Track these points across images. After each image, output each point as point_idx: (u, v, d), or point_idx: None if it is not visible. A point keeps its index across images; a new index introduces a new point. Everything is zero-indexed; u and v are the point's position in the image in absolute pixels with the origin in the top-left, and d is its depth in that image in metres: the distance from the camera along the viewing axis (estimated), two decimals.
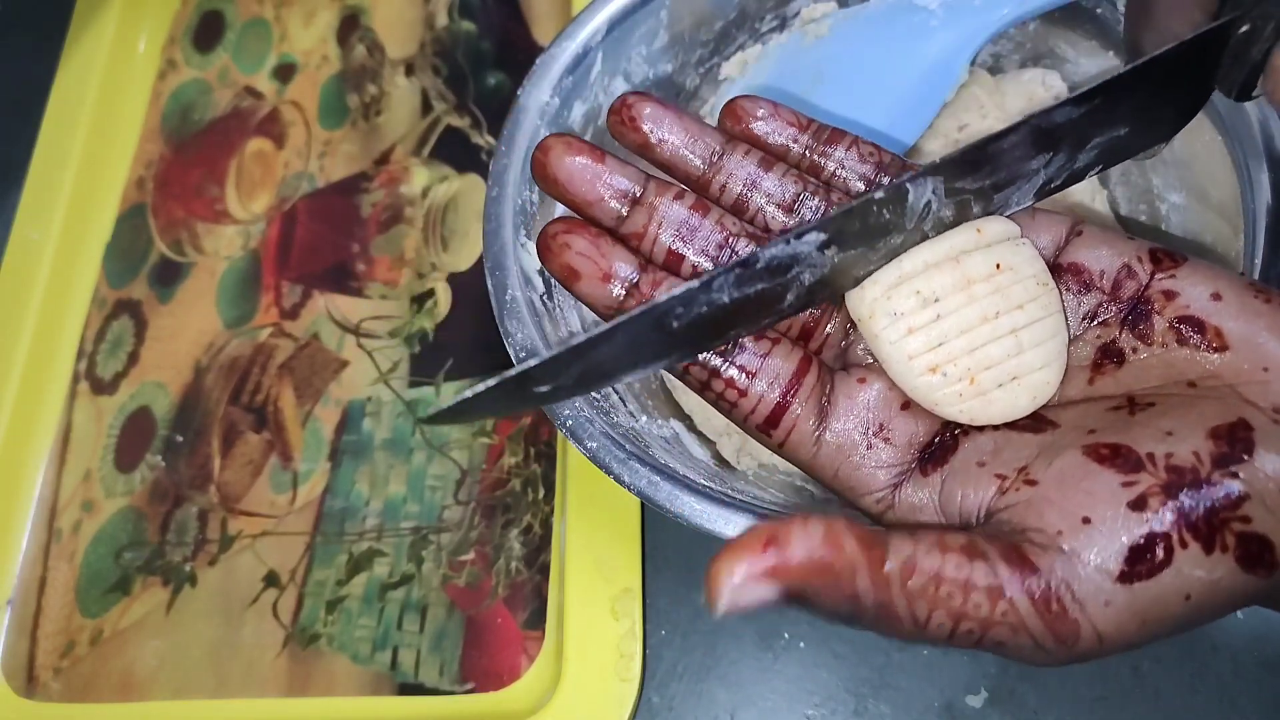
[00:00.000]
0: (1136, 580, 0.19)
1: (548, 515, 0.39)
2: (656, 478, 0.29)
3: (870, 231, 0.23)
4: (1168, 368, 0.22)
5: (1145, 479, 0.20)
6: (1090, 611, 0.19)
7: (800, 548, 0.18)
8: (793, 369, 0.24)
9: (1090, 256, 0.23)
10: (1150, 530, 0.19)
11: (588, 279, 0.24)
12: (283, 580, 0.39)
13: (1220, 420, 0.20)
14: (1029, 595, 0.19)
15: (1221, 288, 0.22)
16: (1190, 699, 0.34)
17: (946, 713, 0.34)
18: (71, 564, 0.41)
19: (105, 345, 0.45)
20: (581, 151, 0.25)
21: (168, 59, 0.52)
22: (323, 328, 0.44)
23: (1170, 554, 0.19)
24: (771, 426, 0.24)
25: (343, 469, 0.41)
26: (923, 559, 0.19)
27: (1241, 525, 0.19)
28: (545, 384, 0.21)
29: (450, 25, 0.50)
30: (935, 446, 0.23)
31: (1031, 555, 0.19)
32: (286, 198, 0.47)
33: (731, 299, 0.22)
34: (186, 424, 0.43)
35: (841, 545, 0.18)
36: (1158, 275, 0.23)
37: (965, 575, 0.19)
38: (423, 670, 0.37)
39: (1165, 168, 0.36)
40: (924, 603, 0.19)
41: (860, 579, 0.18)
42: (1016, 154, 0.23)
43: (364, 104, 0.49)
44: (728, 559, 0.18)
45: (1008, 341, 0.23)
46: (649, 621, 0.36)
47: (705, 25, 0.39)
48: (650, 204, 0.25)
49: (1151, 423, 0.21)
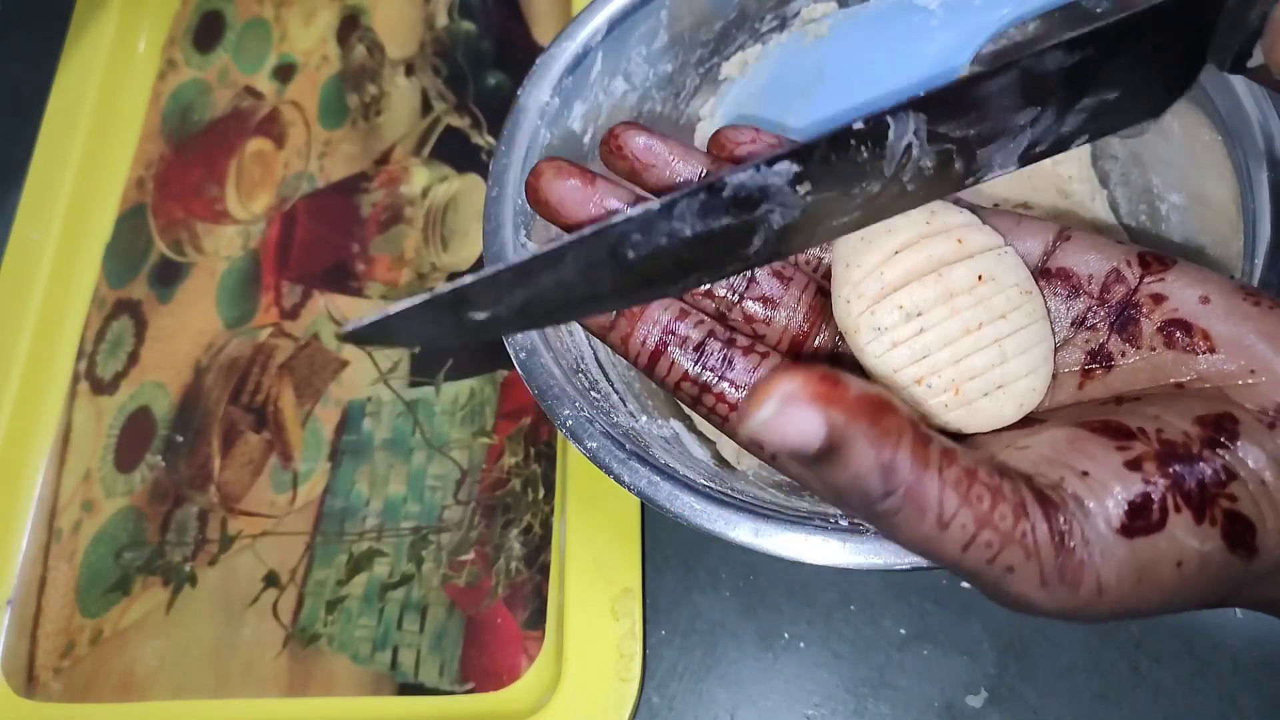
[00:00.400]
0: (1136, 535, 0.19)
1: (548, 515, 0.39)
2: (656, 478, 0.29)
3: (847, 170, 0.22)
4: (1156, 370, 0.22)
5: (1139, 446, 0.20)
6: (1096, 558, 0.19)
7: (857, 388, 0.17)
8: None
9: (1079, 261, 0.24)
10: (1146, 490, 0.19)
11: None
12: (283, 580, 0.39)
13: (1207, 411, 0.21)
14: (1048, 523, 0.19)
15: (1210, 291, 0.22)
16: (1190, 698, 0.34)
17: (946, 713, 0.34)
18: (71, 564, 0.41)
19: (105, 345, 0.45)
20: (572, 175, 0.25)
21: (168, 59, 0.52)
22: (323, 327, 0.44)
23: (1165, 516, 0.19)
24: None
25: (343, 469, 0.41)
26: (962, 456, 0.19)
27: (1229, 503, 0.19)
28: (484, 309, 0.20)
29: (450, 25, 0.50)
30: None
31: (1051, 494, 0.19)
32: (286, 198, 0.47)
33: (694, 231, 0.21)
34: (186, 424, 0.43)
35: (895, 409, 0.18)
36: (1146, 279, 0.23)
37: (997, 483, 0.19)
38: (423, 670, 0.37)
39: (1165, 168, 0.36)
40: (955, 496, 0.18)
41: (902, 449, 0.18)
42: (1004, 102, 0.22)
43: (364, 104, 0.49)
44: (779, 376, 0.17)
45: (991, 351, 0.23)
46: (649, 621, 0.36)
47: (705, 25, 0.39)
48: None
49: (1139, 409, 0.21)
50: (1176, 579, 0.19)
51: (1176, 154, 0.36)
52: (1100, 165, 0.39)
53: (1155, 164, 0.37)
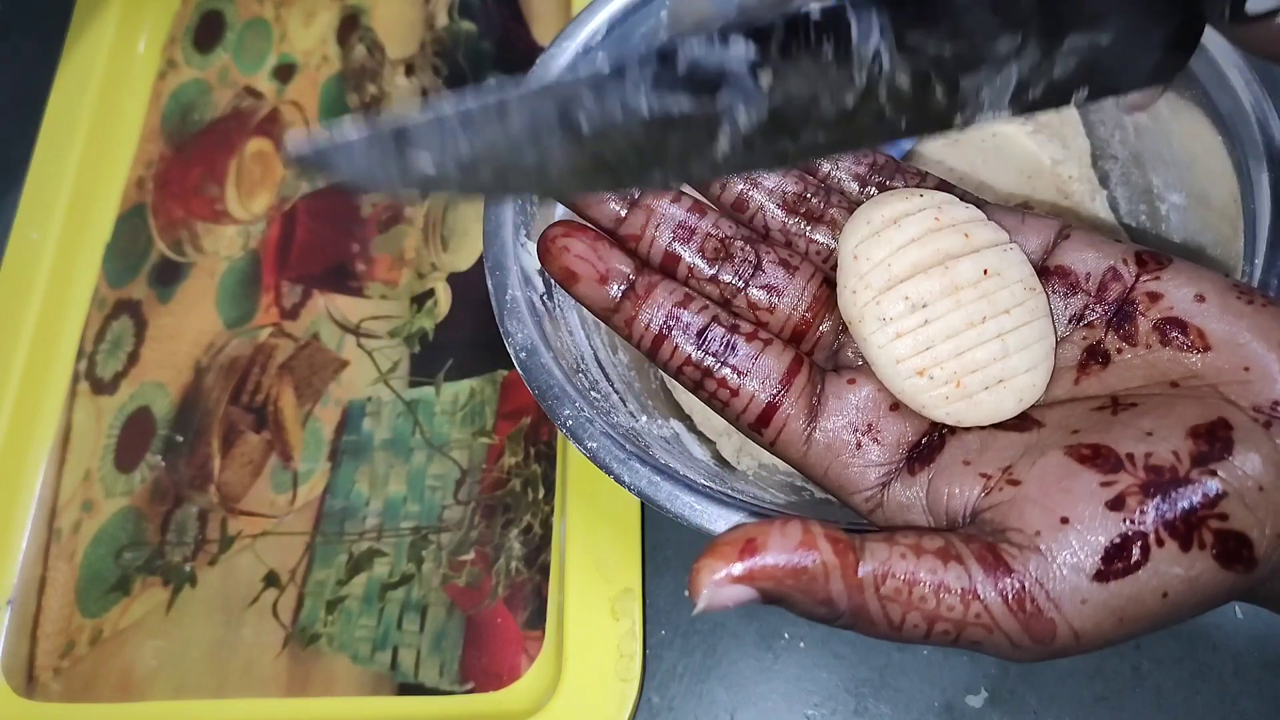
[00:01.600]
0: (1113, 579, 0.19)
1: (548, 515, 0.39)
2: (656, 478, 0.29)
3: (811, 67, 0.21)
4: (1151, 368, 0.22)
5: (1124, 479, 0.20)
6: (1066, 610, 0.19)
7: (776, 552, 0.19)
8: (784, 369, 0.24)
9: (1077, 259, 0.24)
10: (1127, 529, 0.19)
11: (585, 280, 0.25)
12: (283, 580, 0.39)
13: (1200, 419, 0.20)
14: (1002, 596, 0.19)
15: (1205, 289, 0.22)
16: (1191, 699, 0.34)
17: (947, 713, 0.34)
18: (71, 564, 0.41)
19: (105, 345, 0.45)
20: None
21: (168, 59, 0.52)
22: (323, 327, 0.44)
23: (1147, 552, 0.19)
24: (763, 425, 0.24)
25: (343, 469, 0.41)
26: (897, 563, 0.19)
27: (1219, 523, 0.19)
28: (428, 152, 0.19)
29: (450, 25, 0.50)
30: (923, 446, 0.23)
31: (1007, 556, 0.20)
32: (286, 197, 0.47)
33: (651, 112, 0.20)
34: (186, 424, 0.43)
35: (817, 550, 0.19)
36: (1143, 277, 0.23)
37: (939, 578, 0.19)
38: (423, 670, 0.37)
39: (1165, 168, 0.36)
40: (898, 606, 0.19)
41: (834, 583, 0.19)
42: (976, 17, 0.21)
43: (364, 104, 0.49)
44: (708, 560, 0.19)
45: (994, 345, 0.23)
46: (649, 622, 0.36)
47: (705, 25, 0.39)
48: (648, 205, 0.25)
49: (1133, 422, 0.21)
50: (1163, 607, 0.19)
51: (1177, 154, 0.36)
52: (1101, 165, 0.39)
53: (1155, 164, 0.37)
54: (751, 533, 0.19)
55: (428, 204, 0.46)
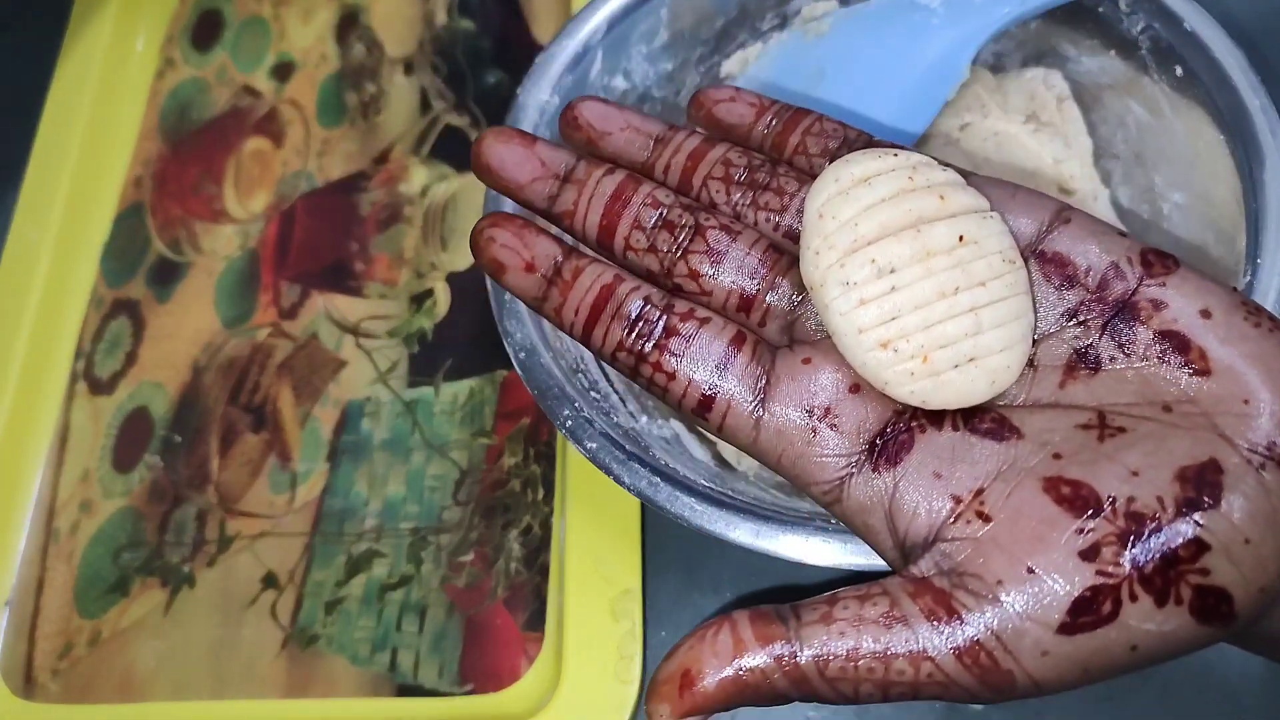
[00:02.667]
0: (1079, 632, 0.18)
1: (547, 516, 0.39)
2: (656, 478, 0.29)
3: None
4: (1144, 384, 0.21)
5: (1102, 526, 0.19)
6: (1025, 662, 0.19)
7: (712, 675, 0.19)
8: (723, 346, 0.23)
9: (1077, 249, 0.22)
10: (1099, 582, 0.18)
11: (512, 270, 0.24)
12: (281, 581, 0.39)
13: (1190, 460, 0.19)
14: (955, 653, 0.19)
15: (1212, 304, 0.21)
16: (1195, 698, 0.34)
17: (949, 713, 0.34)
18: (70, 565, 0.41)
19: (103, 345, 0.45)
20: (512, 139, 0.25)
21: (166, 58, 0.52)
22: (321, 327, 0.44)
23: (1119, 606, 0.18)
24: (705, 410, 0.23)
25: (341, 469, 0.41)
26: (835, 644, 0.19)
27: (1199, 578, 0.18)
28: None
29: (449, 23, 0.50)
30: (888, 438, 0.22)
31: (960, 607, 0.19)
32: (285, 197, 0.47)
33: None
34: (185, 424, 0.43)
35: (750, 656, 0.19)
36: (1147, 280, 0.21)
37: (884, 647, 0.19)
38: (422, 671, 0.37)
39: (1167, 167, 0.36)
40: (847, 682, 0.19)
41: (779, 682, 0.19)
42: None
43: (363, 103, 0.49)
44: (653, 705, 0.20)
45: (966, 320, 0.21)
46: (649, 623, 0.36)
47: (706, 23, 0.39)
48: (579, 181, 0.25)
49: (1119, 456, 0.20)
50: (1131, 658, 0.19)
51: (1179, 153, 0.36)
52: (1102, 164, 0.39)
53: (1158, 163, 0.37)
54: (686, 661, 0.20)
55: (427, 202, 0.46)
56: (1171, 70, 0.34)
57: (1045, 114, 0.39)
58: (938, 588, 0.19)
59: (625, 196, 0.24)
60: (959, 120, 0.40)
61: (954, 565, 0.20)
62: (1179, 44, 0.34)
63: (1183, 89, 0.34)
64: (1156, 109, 0.36)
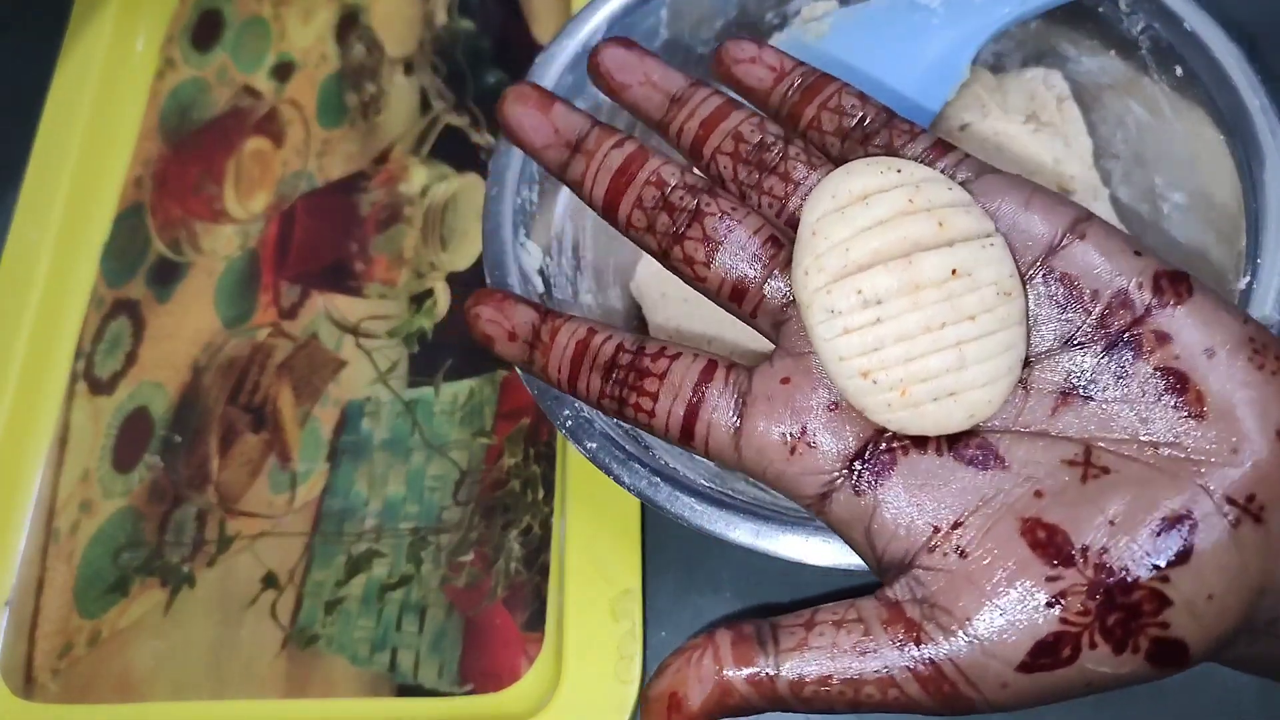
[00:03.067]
0: (1038, 671, 0.19)
1: (547, 516, 0.39)
2: (656, 478, 0.29)
3: None
4: (1137, 422, 0.20)
5: (1071, 575, 0.19)
6: (985, 691, 0.20)
7: (696, 698, 0.21)
8: (694, 379, 0.23)
9: (1087, 269, 0.21)
10: (1061, 629, 0.19)
11: (499, 341, 0.25)
12: (281, 581, 0.39)
13: (1167, 511, 0.19)
14: (918, 679, 0.20)
15: (1219, 340, 0.20)
16: (1193, 699, 0.34)
17: None
18: (69, 564, 0.41)
19: (103, 345, 0.45)
20: (529, 101, 0.26)
21: (166, 58, 0.52)
22: (321, 327, 0.44)
23: (1078, 652, 0.19)
24: (689, 438, 0.24)
25: (341, 469, 0.41)
26: (811, 669, 0.21)
27: (1158, 630, 0.19)
28: None
29: (449, 23, 0.50)
30: (869, 458, 0.22)
31: (926, 639, 0.20)
32: (285, 197, 0.47)
33: None
34: (185, 424, 0.43)
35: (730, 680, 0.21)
36: (1154, 310, 0.21)
37: (856, 673, 0.20)
38: (422, 671, 0.37)
39: (1168, 167, 0.36)
40: (820, 702, 0.21)
41: (757, 702, 0.21)
42: None
43: (363, 103, 0.49)
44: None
45: (949, 355, 0.21)
46: (649, 623, 0.36)
47: (706, 23, 0.39)
48: (589, 151, 0.25)
49: (1099, 500, 0.20)
50: (1085, 691, 0.20)
51: (1179, 153, 0.36)
52: (1102, 165, 0.39)
53: (1158, 163, 0.37)
54: (673, 683, 0.21)
55: (427, 203, 0.46)
56: (1171, 70, 0.34)
57: (1045, 114, 0.39)
58: (909, 617, 0.20)
59: (630, 172, 0.25)
60: (959, 120, 0.40)
61: (926, 595, 0.20)
62: (1179, 44, 0.34)
63: (1183, 89, 0.34)
64: (1156, 109, 0.36)
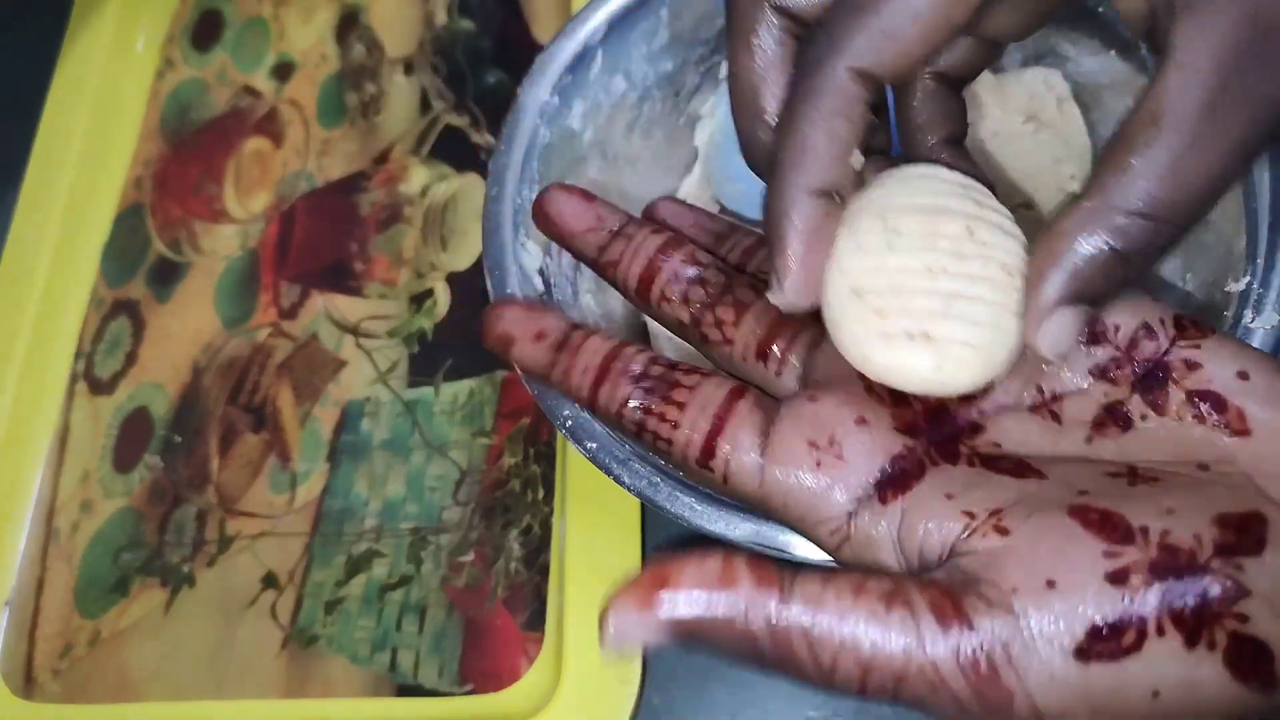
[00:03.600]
0: (1095, 660, 0.17)
1: (547, 516, 0.39)
2: (656, 478, 0.29)
3: None
4: (1179, 444, 0.20)
5: (1132, 553, 0.17)
6: (1030, 683, 0.17)
7: (691, 588, 0.18)
8: (724, 395, 0.23)
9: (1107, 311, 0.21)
10: (1125, 609, 0.17)
11: (521, 342, 0.26)
12: (281, 581, 0.39)
13: (1231, 508, 0.18)
14: (954, 652, 0.17)
15: (1249, 366, 0.20)
16: None
17: None
18: (70, 565, 0.41)
19: (103, 345, 0.45)
20: (574, 194, 0.28)
21: (166, 58, 0.52)
22: (321, 327, 0.44)
23: (1143, 639, 0.17)
24: (709, 457, 0.22)
25: (341, 469, 0.41)
26: (829, 601, 0.18)
27: (1237, 624, 0.17)
28: None
29: (449, 23, 0.50)
30: (896, 469, 0.21)
31: (970, 610, 0.18)
32: (285, 197, 0.47)
33: None
34: (185, 424, 0.43)
35: (737, 585, 0.18)
36: (1180, 342, 0.21)
37: (879, 622, 0.18)
38: (422, 671, 0.37)
39: None
40: (828, 651, 0.18)
41: (756, 622, 0.18)
42: None
43: (362, 103, 0.49)
44: (618, 596, 0.18)
45: (938, 300, 0.21)
46: None
47: (706, 23, 0.38)
48: (629, 235, 0.27)
49: (1152, 497, 0.19)
50: (1149, 709, 0.17)
51: None
52: None
53: None
54: (665, 570, 0.18)
55: (427, 203, 0.46)
56: None
57: (1045, 114, 0.39)
58: (948, 587, 0.18)
59: (668, 251, 0.27)
60: None
61: (968, 575, 0.18)
62: None
63: None
64: None
